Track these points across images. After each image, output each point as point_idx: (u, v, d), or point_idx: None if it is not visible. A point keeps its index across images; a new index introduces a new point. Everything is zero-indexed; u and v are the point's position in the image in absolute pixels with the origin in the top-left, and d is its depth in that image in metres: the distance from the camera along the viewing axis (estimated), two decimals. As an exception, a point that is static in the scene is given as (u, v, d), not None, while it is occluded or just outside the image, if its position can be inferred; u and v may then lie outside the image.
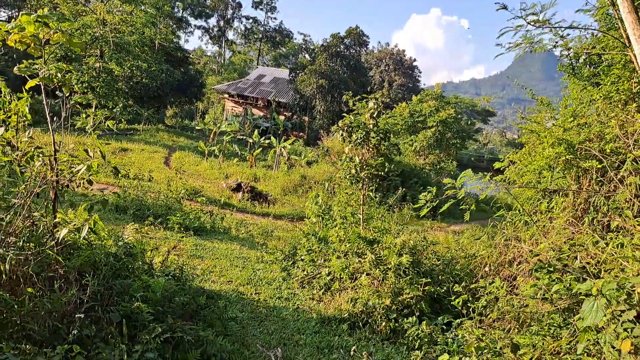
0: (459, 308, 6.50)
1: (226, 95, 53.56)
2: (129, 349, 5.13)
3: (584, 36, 9.57)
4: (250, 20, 78.94)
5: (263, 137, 33.23)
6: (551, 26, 7.81)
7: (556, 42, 9.19)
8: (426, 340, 6.23)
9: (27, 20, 5.33)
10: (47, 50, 5.71)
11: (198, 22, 74.29)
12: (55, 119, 6.15)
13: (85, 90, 33.35)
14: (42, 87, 5.79)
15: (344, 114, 11.54)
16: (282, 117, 46.00)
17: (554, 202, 8.18)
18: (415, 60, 51.45)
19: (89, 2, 39.22)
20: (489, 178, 6.84)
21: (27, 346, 4.75)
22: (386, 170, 11.28)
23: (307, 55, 63.74)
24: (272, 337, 6.82)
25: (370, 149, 10.96)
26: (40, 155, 6.01)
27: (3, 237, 5.28)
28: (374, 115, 10.94)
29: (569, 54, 9.65)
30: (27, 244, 5.58)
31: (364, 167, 10.72)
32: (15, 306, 4.93)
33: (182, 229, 11.81)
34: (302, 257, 10.10)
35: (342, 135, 11.11)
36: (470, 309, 6.30)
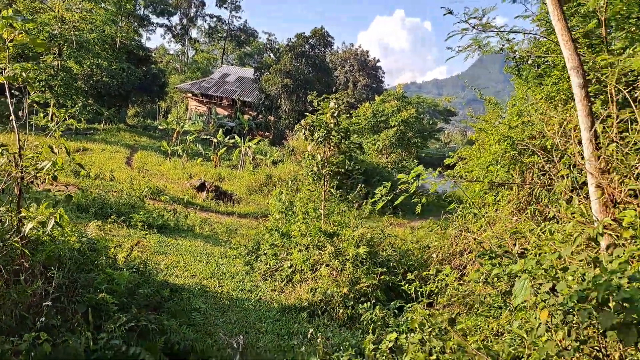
0: (411, 294, 6.94)
1: (189, 95, 53.12)
2: (94, 337, 5.34)
3: (528, 40, 10.23)
4: (214, 19, 78.39)
5: (228, 137, 33.20)
6: (495, 30, 8.36)
7: (503, 45, 9.79)
8: (379, 324, 6.64)
9: (-10, 20, 5.47)
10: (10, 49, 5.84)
11: (160, 20, 73.41)
12: (11, 118, 6.25)
13: (43, 89, 32.60)
14: (7, 87, 5.92)
15: (309, 114, 11.90)
16: (247, 117, 45.96)
17: (500, 195, 8.76)
18: (379, 61, 52.33)
19: (47, 0, 38.30)
20: (438, 173, 7.31)
21: (-6, 335, 4.92)
22: (349, 168, 11.69)
23: (272, 55, 63.81)
24: (235, 326, 7.11)
25: (332, 147, 11.35)
26: (5, 152, 6.13)
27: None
28: (335, 114, 11.33)
29: (514, 56, 10.28)
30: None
31: (326, 164, 11.11)
32: (-19, 297, 5.07)
33: (146, 227, 11.91)
34: (265, 252, 10.40)
35: (304, 134, 11.47)
36: (419, 293, 6.76)
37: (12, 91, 6.12)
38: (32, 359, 4.80)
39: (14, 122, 6.06)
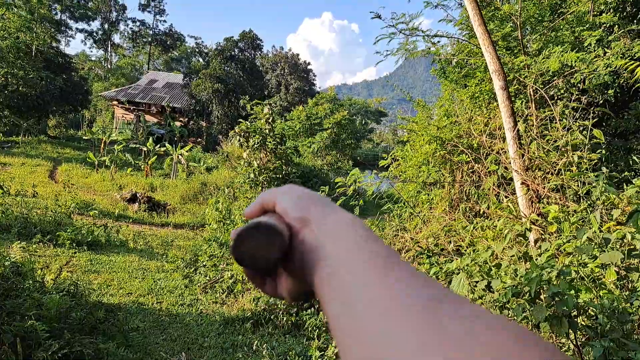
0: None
1: (115, 102, 50.98)
2: (23, 369, 5.00)
3: (451, 43, 10.68)
4: (138, 23, 75.71)
5: (158, 145, 32.18)
6: (421, 34, 8.68)
7: (429, 48, 10.15)
8: (324, 329, 6.68)
9: None
10: None
11: (80, 25, 69.82)
12: None
13: None
14: None
15: (243, 119, 11.79)
16: (178, 123, 44.77)
17: (433, 194, 9.07)
18: (309, 64, 52.67)
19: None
20: (375, 175, 7.46)
21: None
22: (285, 172, 11.69)
23: (200, 59, 62.60)
24: (176, 343, 6.89)
25: (268, 153, 11.32)
26: None
27: None
28: (270, 120, 11.30)
29: (440, 59, 10.70)
30: None
31: (263, 170, 11.04)
32: None
33: (74, 245, 11.29)
34: (204, 263, 10.17)
35: (239, 140, 11.35)
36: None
37: None
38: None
39: None
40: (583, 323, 3.68)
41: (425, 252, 6.67)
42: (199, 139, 44.24)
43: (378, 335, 0.36)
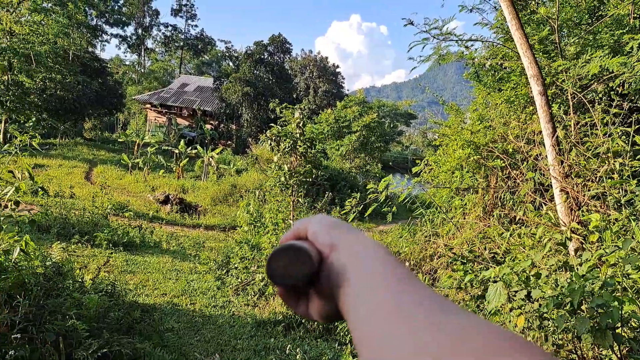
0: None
1: (148, 106, 52.08)
2: (66, 367, 5.16)
3: (485, 47, 10.54)
4: (170, 28, 77.22)
5: (189, 147, 32.71)
6: (455, 39, 8.60)
7: (462, 53, 10.05)
8: (357, 334, 6.68)
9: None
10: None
11: (114, 31, 71.93)
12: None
13: None
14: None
15: (271, 122, 11.89)
16: (208, 126, 45.43)
17: (467, 199, 8.97)
18: (338, 66, 52.73)
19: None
20: (407, 180, 7.43)
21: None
22: (314, 176, 11.74)
23: (231, 63, 63.39)
24: (210, 345, 6.99)
25: (298, 157, 11.36)
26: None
27: None
28: (300, 124, 11.36)
29: (473, 63, 10.58)
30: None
31: (293, 174, 11.10)
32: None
33: (111, 245, 11.59)
34: (236, 265, 10.29)
35: (270, 144, 11.44)
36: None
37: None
38: (0, 395, 4.60)
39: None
40: (625, 335, 3.59)
41: (460, 258, 6.60)
42: (229, 142, 44.76)
43: (382, 338, 0.40)
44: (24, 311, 5.73)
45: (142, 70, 76.39)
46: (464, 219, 8.74)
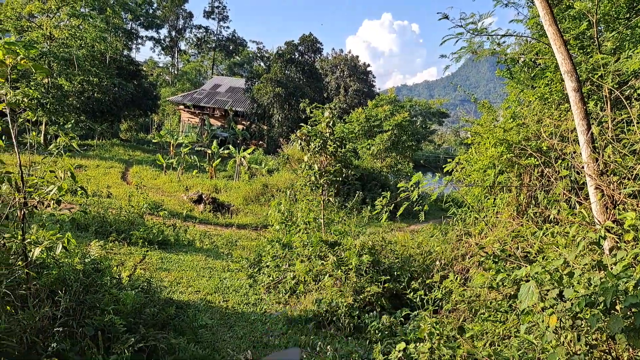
0: (416, 302, 6.98)
1: (182, 107, 53.10)
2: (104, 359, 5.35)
3: (518, 42, 10.35)
4: (202, 30, 78.51)
5: (222, 148, 33.21)
6: (489, 34, 8.47)
7: (494, 49, 9.90)
8: (386, 333, 6.68)
9: (-7, 47, 5.50)
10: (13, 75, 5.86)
11: (149, 33, 73.27)
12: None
13: (35, 107, 32.43)
14: (8, 111, 5.95)
15: (302, 121, 11.98)
16: (240, 127, 45.99)
17: (499, 198, 8.83)
18: (369, 65, 52.58)
19: (34, 18, 38.14)
20: (438, 178, 7.37)
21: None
22: (345, 175, 11.77)
23: (262, 64, 63.97)
24: (242, 341, 7.12)
25: (328, 156, 11.41)
26: (7, 178, 6.15)
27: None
28: (330, 124, 11.41)
29: (506, 59, 10.39)
30: (-2, 265, 5.72)
31: (323, 174, 11.16)
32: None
33: (146, 243, 11.90)
34: (268, 264, 10.42)
35: (300, 144, 11.53)
36: (425, 301, 6.80)
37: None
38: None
39: (15, 146, 6.09)
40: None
41: (491, 257, 6.52)
42: (260, 142, 45.19)
43: None
44: (64, 306, 5.97)
45: (175, 72, 77.88)
46: (497, 217, 8.61)
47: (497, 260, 6.74)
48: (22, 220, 6.15)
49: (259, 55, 71.49)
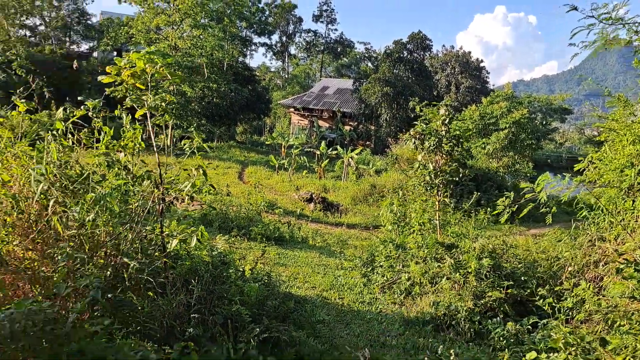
0: (545, 310, 6.54)
1: (292, 109, 54.91)
2: (233, 347, 5.66)
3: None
4: (311, 34, 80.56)
5: (330, 148, 33.80)
6: (626, 22, 7.71)
7: (631, 38, 9.00)
8: (512, 340, 6.33)
9: (137, 57, 6.09)
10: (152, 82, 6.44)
11: (261, 40, 76.75)
12: (152, 142, 6.87)
13: (171, 111, 35.45)
14: (148, 115, 6.56)
15: (411, 121, 11.78)
16: (347, 127, 46.49)
17: (639, 200, 7.98)
18: (482, 61, 50.41)
19: (161, 30, 41.63)
20: (568, 180, 6.85)
21: (149, 343, 5.41)
22: (462, 175, 11.37)
23: (369, 64, 64.13)
24: (359, 339, 7.16)
25: (444, 156, 11.09)
26: (148, 176, 6.80)
27: (124, 248, 6.02)
28: (446, 122, 11.09)
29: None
30: (140, 254, 6.31)
31: (438, 173, 10.87)
32: (139, 307, 5.63)
33: (264, 239, 12.45)
34: (381, 264, 10.39)
35: (414, 143, 11.33)
36: (556, 309, 6.35)
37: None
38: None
39: (154, 147, 6.69)
40: None
41: (632, 265, 5.92)
42: (368, 142, 45.28)
43: None
44: (197, 295, 6.42)
45: (286, 76, 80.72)
46: (637, 221, 7.79)
47: (638, 268, 6.13)
48: (161, 214, 6.74)
49: (366, 55, 71.79)
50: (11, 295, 5.42)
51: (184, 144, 7.16)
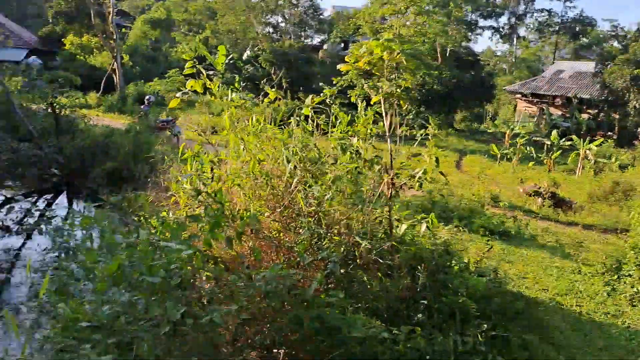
0: None
1: (518, 96, 51.05)
2: (461, 339, 5.48)
3: None
4: (544, 13, 73.27)
5: (562, 139, 30.48)
6: None
7: None
8: None
9: (376, 44, 6.28)
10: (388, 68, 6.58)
11: (487, 23, 72.73)
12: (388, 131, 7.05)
13: (406, 98, 36.52)
14: (382, 102, 6.74)
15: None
16: (584, 116, 41.28)
17: None
18: None
19: (385, 20, 42.64)
20: None
21: (377, 322, 5.61)
22: None
23: (616, 43, 55.60)
24: (602, 354, 6.29)
25: None
26: (377, 161, 7.03)
27: (356, 228, 6.34)
28: None
29: None
30: (368, 236, 6.57)
31: None
32: (368, 285, 5.87)
33: (487, 233, 11.83)
34: (630, 273, 8.92)
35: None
36: None
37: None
38: (408, 350, 5.22)
39: (387, 133, 6.86)
40: None
41: None
42: (610, 133, 39.50)
43: None
44: (422, 281, 6.41)
45: (513, 60, 75.43)
46: None
47: None
48: (390, 198, 6.90)
49: (612, 34, 62.36)
50: (261, 260, 6.17)
51: (417, 133, 7.18)
